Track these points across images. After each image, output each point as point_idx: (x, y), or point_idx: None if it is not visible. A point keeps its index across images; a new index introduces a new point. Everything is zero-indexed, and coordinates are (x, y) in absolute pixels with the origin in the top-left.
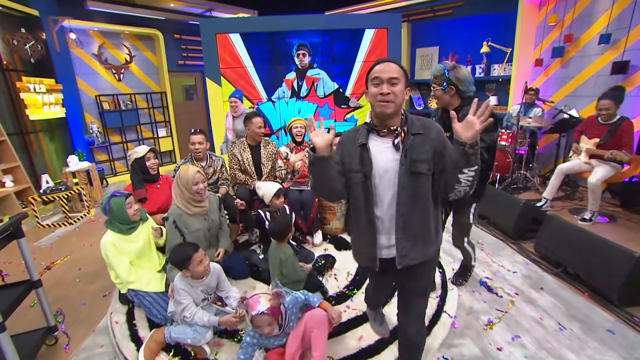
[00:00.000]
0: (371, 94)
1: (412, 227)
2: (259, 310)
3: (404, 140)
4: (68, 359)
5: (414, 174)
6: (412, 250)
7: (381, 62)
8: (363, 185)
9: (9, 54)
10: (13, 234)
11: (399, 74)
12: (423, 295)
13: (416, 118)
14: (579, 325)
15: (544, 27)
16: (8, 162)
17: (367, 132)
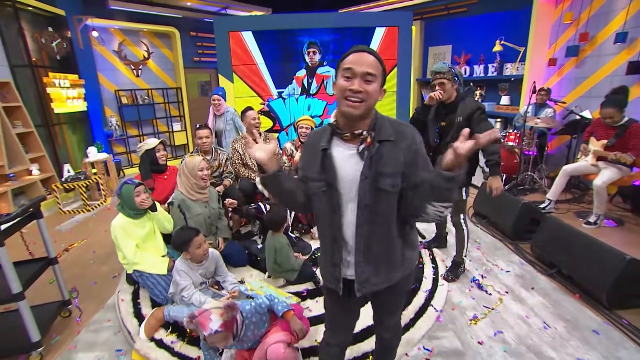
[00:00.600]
0: (339, 88)
1: (373, 250)
2: (212, 330)
3: (369, 148)
4: (79, 329)
5: (377, 189)
6: (373, 276)
7: (357, 51)
8: (326, 196)
9: (37, 52)
10: (33, 214)
11: (376, 69)
12: (394, 312)
13: (390, 121)
14: (564, 324)
15: (559, 26)
16: (35, 152)
17: (331, 135)
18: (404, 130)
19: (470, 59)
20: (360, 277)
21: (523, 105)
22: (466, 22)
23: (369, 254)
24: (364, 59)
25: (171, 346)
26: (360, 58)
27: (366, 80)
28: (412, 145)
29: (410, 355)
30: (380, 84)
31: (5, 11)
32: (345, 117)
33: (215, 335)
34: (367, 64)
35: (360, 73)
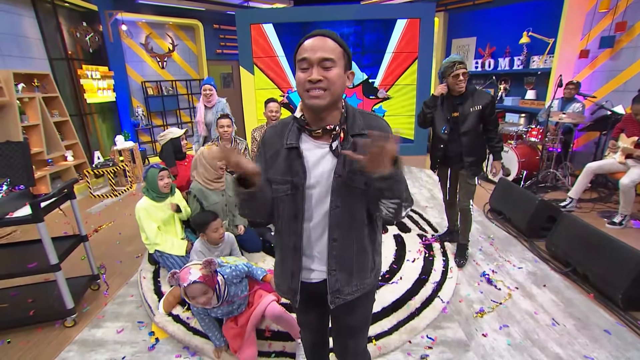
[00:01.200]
0: (297, 81)
1: (346, 255)
2: (190, 280)
3: (342, 144)
4: (106, 302)
5: (349, 188)
6: (347, 285)
7: (309, 37)
8: (290, 199)
9: (72, 45)
10: (68, 195)
11: (334, 52)
12: (360, 332)
13: (361, 113)
14: (573, 322)
15: (593, 15)
16: (69, 140)
17: (298, 132)
18: (375, 123)
19: (495, 52)
20: (333, 287)
21: (548, 99)
22: (492, 13)
23: (343, 260)
24: (317, 44)
25: (187, 321)
26: (314, 44)
27: (324, 68)
28: None
29: (413, 342)
30: (343, 68)
31: (44, 7)
32: (312, 111)
33: (194, 286)
34: (322, 49)
35: (316, 60)
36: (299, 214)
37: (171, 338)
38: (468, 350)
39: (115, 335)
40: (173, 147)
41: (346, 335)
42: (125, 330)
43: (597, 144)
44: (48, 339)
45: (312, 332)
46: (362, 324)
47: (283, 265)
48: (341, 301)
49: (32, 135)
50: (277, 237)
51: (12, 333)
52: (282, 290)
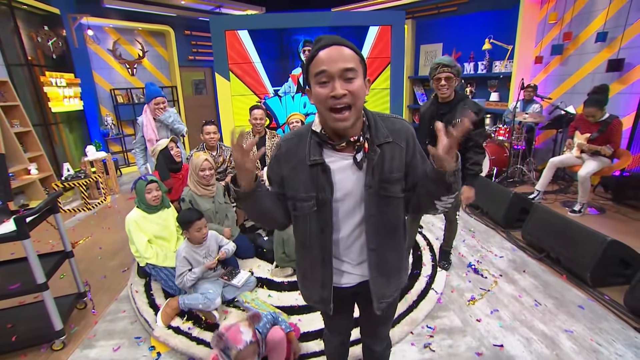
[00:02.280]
0: (317, 97)
1: (386, 262)
2: (246, 342)
3: (367, 154)
4: (96, 320)
5: (384, 198)
6: (387, 289)
7: (327, 46)
8: (316, 215)
9: (33, 50)
10: (51, 209)
11: (355, 61)
12: (389, 320)
13: (380, 117)
14: (552, 301)
15: (544, 25)
16: (33, 152)
17: (319, 146)
18: (399, 127)
19: (460, 57)
20: (377, 293)
21: (512, 101)
22: (456, 21)
23: (382, 266)
24: (334, 54)
25: (189, 332)
26: (331, 54)
27: (347, 79)
28: (410, 141)
29: (415, 333)
30: (363, 76)
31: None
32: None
33: (250, 347)
34: (341, 59)
35: (337, 72)
36: (327, 228)
37: (173, 351)
38: (466, 335)
39: (112, 353)
40: (165, 159)
41: (377, 325)
42: (122, 348)
43: (554, 140)
44: None
45: (340, 333)
46: (391, 315)
47: (312, 277)
48: (385, 305)
49: None
50: (302, 251)
51: None
52: (314, 300)
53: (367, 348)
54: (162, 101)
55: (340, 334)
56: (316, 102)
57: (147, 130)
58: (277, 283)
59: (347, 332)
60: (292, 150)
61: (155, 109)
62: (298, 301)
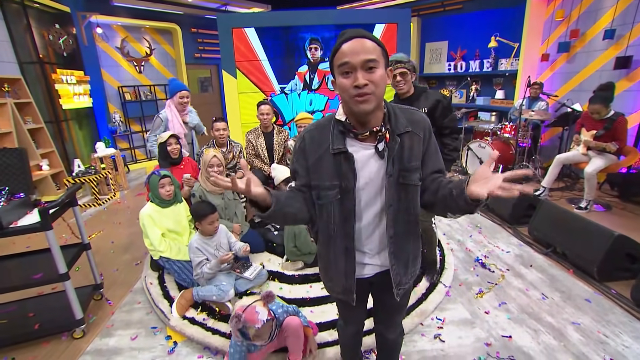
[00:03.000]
0: (341, 87)
1: (404, 249)
2: (262, 320)
3: (388, 144)
4: (113, 311)
5: (403, 186)
6: (404, 276)
7: (348, 40)
8: (339, 203)
9: (44, 48)
10: (70, 202)
11: (376, 53)
12: (403, 308)
13: (399, 109)
14: (559, 295)
15: (551, 22)
16: (44, 148)
17: (342, 135)
18: (418, 117)
19: (466, 55)
20: (396, 280)
21: (517, 99)
22: (462, 19)
23: (402, 254)
24: (357, 46)
25: (204, 322)
26: (353, 47)
27: (369, 69)
28: (427, 132)
29: (425, 324)
30: (384, 67)
31: (12, 8)
32: (356, 116)
33: (266, 325)
34: (363, 51)
35: (359, 63)
36: (350, 216)
37: (189, 340)
38: (475, 327)
39: (130, 342)
40: (162, 152)
41: (391, 313)
42: (139, 337)
43: (560, 138)
44: (58, 351)
45: (355, 323)
46: (405, 303)
47: (336, 267)
48: (403, 292)
49: (4, 143)
50: (325, 241)
51: (16, 350)
52: (337, 291)
53: (380, 336)
54: (186, 95)
55: (355, 324)
56: (340, 92)
57: (173, 124)
58: (288, 276)
59: (361, 322)
60: (316, 141)
61: (179, 102)
62: (309, 294)
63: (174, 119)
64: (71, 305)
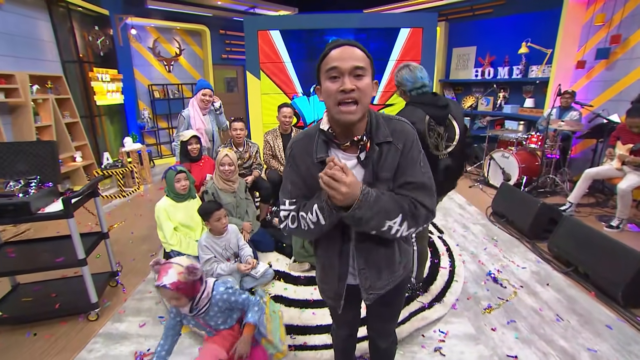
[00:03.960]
0: (327, 92)
1: (373, 253)
2: (162, 282)
3: (367, 153)
4: (126, 298)
5: None
6: (378, 280)
7: (338, 46)
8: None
9: (84, 48)
10: (92, 192)
11: (365, 62)
12: (394, 318)
13: (384, 118)
14: (577, 318)
15: (589, 27)
16: (79, 141)
17: (325, 145)
18: (401, 130)
19: (494, 61)
20: (364, 284)
21: (547, 108)
22: (492, 24)
23: (370, 258)
24: (347, 52)
25: None
26: (343, 52)
27: (356, 76)
28: (408, 144)
29: (426, 336)
30: (371, 77)
31: (59, 12)
32: (341, 125)
33: (164, 290)
34: (352, 57)
35: (348, 69)
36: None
37: (192, 332)
38: (479, 343)
39: (138, 329)
40: (182, 150)
41: (382, 321)
42: (147, 325)
43: (594, 151)
44: (74, 331)
45: (348, 328)
46: (396, 311)
47: (330, 272)
48: (375, 296)
49: (44, 136)
50: (323, 246)
51: (37, 326)
52: (328, 295)
53: (373, 344)
54: (209, 93)
55: (347, 328)
56: (325, 97)
57: (195, 121)
58: (294, 277)
59: (354, 326)
60: (303, 150)
61: (201, 99)
62: (313, 295)
63: (196, 115)
64: (87, 289)
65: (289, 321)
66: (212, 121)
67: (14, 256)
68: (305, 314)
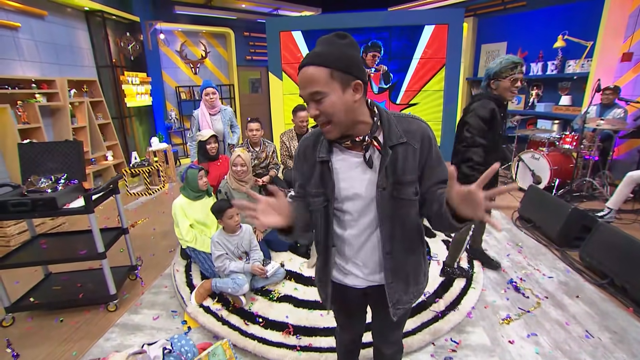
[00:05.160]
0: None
1: (402, 266)
2: None
3: (382, 155)
4: (143, 292)
5: (397, 200)
6: (405, 294)
7: (302, 67)
8: (324, 212)
9: (116, 53)
10: (113, 190)
11: (319, 83)
12: (400, 325)
13: (397, 118)
14: (610, 335)
15: (637, 16)
16: (110, 141)
17: (329, 144)
18: (415, 127)
19: (527, 57)
20: (393, 299)
21: (585, 105)
22: (524, 17)
23: (399, 271)
24: (305, 77)
25: (217, 313)
26: (301, 79)
27: (316, 101)
28: (425, 142)
29: (437, 344)
30: (339, 90)
31: (95, 20)
32: None
33: None
34: (309, 83)
35: (307, 97)
36: (330, 225)
37: (202, 327)
38: (493, 356)
39: (152, 321)
40: (201, 150)
41: (389, 329)
42: (160, 318)
43: None
44: (95, 320)
45: (351, 331)
46: (404, 319)
47: (323, 270)
48: (402, 311)
49: (79, 136)
50: (316, 246)
51: (64, 313)
52: (322, 296)
53: (377, 351)
54: (212, 92)
55: (350, 332)
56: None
57: (202, 122)
58: (305, 277)
59: (358, 331)
60: (308, 149)
61: (205, 99)
62: None
63: (203, 117)
64: (106, 281)
65: (297, 322)
66: (223, 121)
67: (45, 247)
68: (313, 314)
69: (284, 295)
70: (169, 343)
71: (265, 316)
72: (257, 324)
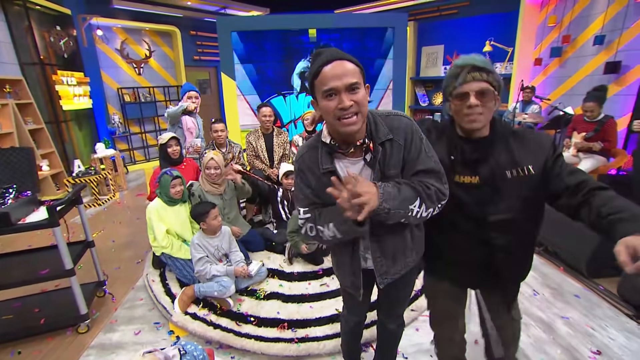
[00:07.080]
0: (325, 109)
1: (388, 244)
2: None
3: (373, 154)
4: (116, 307)
5: None
6: (392, 267)
7: (329, 62)
8: None
9: (45, 50)
10: (75, 200)
11: (356, 74)
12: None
13: (380, 117)
14: (550, 291)
15: (543, 28)
16: (45, 148)
17: (329, 155)
18: (398, 124)
19: None
20: (380, 270)
21: (512, 102)
22: (458, 23)
23: (386, 248)
24: (339, 69)
25: (206, 318)
26: (336, 70)
27: (352, 90)
28: (408, 137)
29: (420, 320)
30: (363, 87)
31: (14, 10)
32: (343, 135)
33: None
34: (345, 74)
35: (344, 88)
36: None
37: (191, 335)
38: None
39: (134, 336)
40: (162, 153)
41: (393, 304)
42: (143, 332)
43: None
44: (62, 345)
45: (358, 314)
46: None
47: (345, 267)
48: (389, 280)
49: (5, 144)
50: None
51: (21, 344)
52: (346, 284)
53: (381, 325)
54: (194, 95)
55: (357, 314)
56: (324, 114)
57: (186, 121)
58: (287, 273)
59: (363, 313)
60: (310, 163)
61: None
62: (308, 290)
63: (186, 116)
64: (76, 300)
65: (289, 316)
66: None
67: None
68: (302, 308)
69: (270, 293)
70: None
71: (256, 315)
72: (250, 323)
